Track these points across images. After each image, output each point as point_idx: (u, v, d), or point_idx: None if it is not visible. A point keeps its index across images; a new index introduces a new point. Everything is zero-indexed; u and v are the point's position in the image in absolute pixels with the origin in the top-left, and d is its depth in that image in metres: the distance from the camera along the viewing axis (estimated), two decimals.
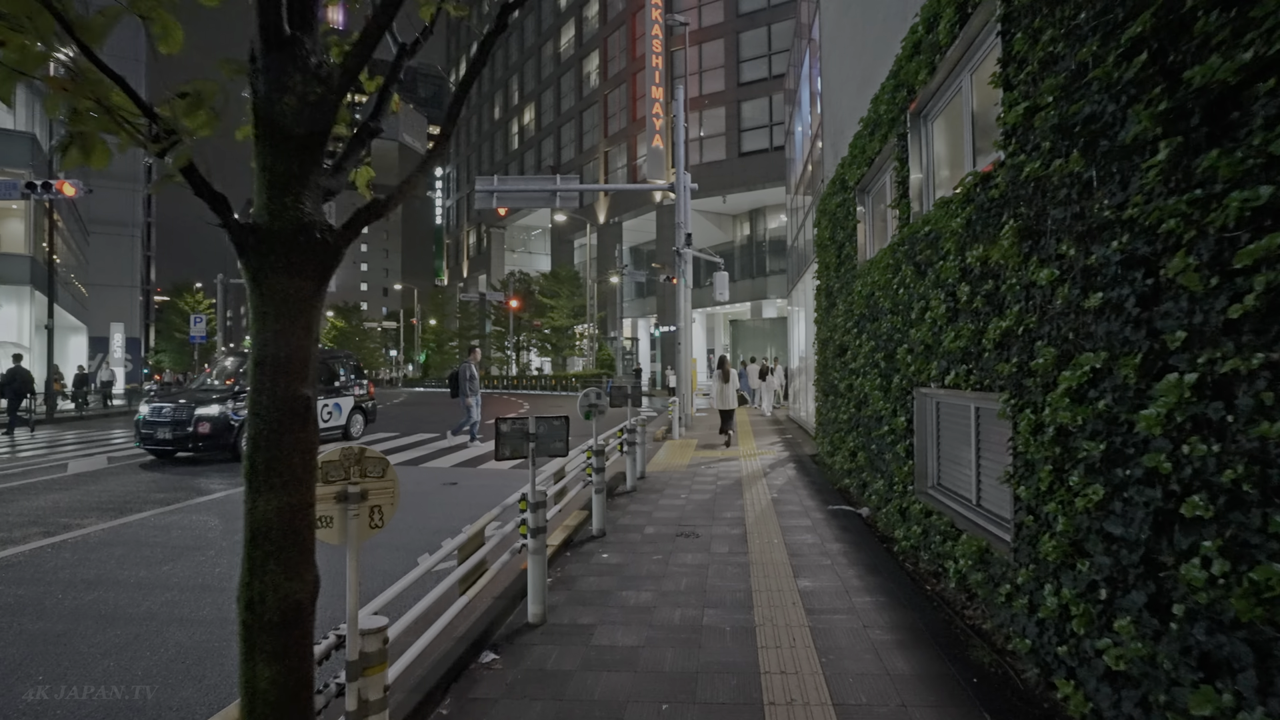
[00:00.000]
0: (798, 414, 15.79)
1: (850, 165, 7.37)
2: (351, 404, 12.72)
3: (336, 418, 12.21)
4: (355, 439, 12.10)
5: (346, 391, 12.71)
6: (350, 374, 13.06)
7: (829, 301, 8.60)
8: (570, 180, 15.53)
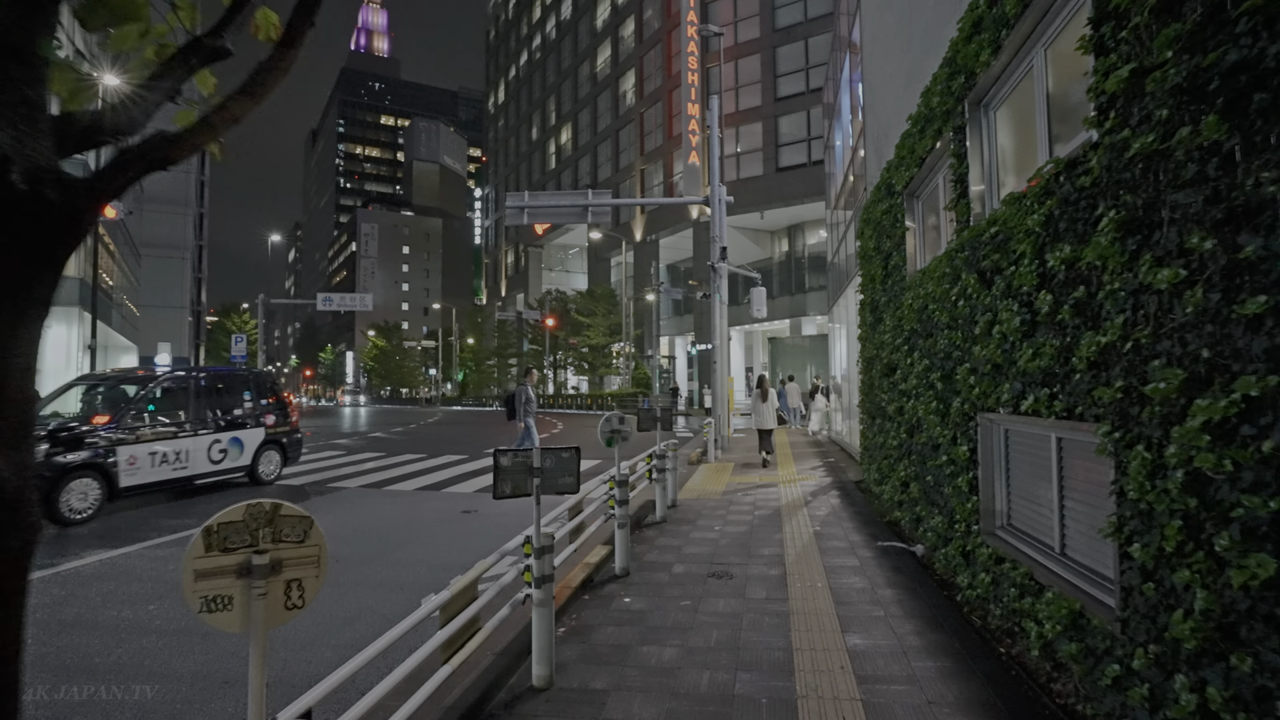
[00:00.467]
0: (840, 436, 15.04)
1: (897, 168, 6.78)
2: (260, 438, 10.06)
3: (235, 456, 9.63)
4: (268, 482, 10.08)
5: (251, 421, 10.01)
6: (258, 398, 10.34)
7: (875, 316, 7.98)
8: (602, 195, 15.15)
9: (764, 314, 14.56)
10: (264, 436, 10.12)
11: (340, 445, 16.55)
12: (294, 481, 10.26)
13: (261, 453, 10.08)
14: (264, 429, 10.16)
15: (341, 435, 20.68)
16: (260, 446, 10.05)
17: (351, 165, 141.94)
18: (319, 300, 32.12)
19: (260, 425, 10.12)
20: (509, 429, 22.69)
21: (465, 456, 13.52)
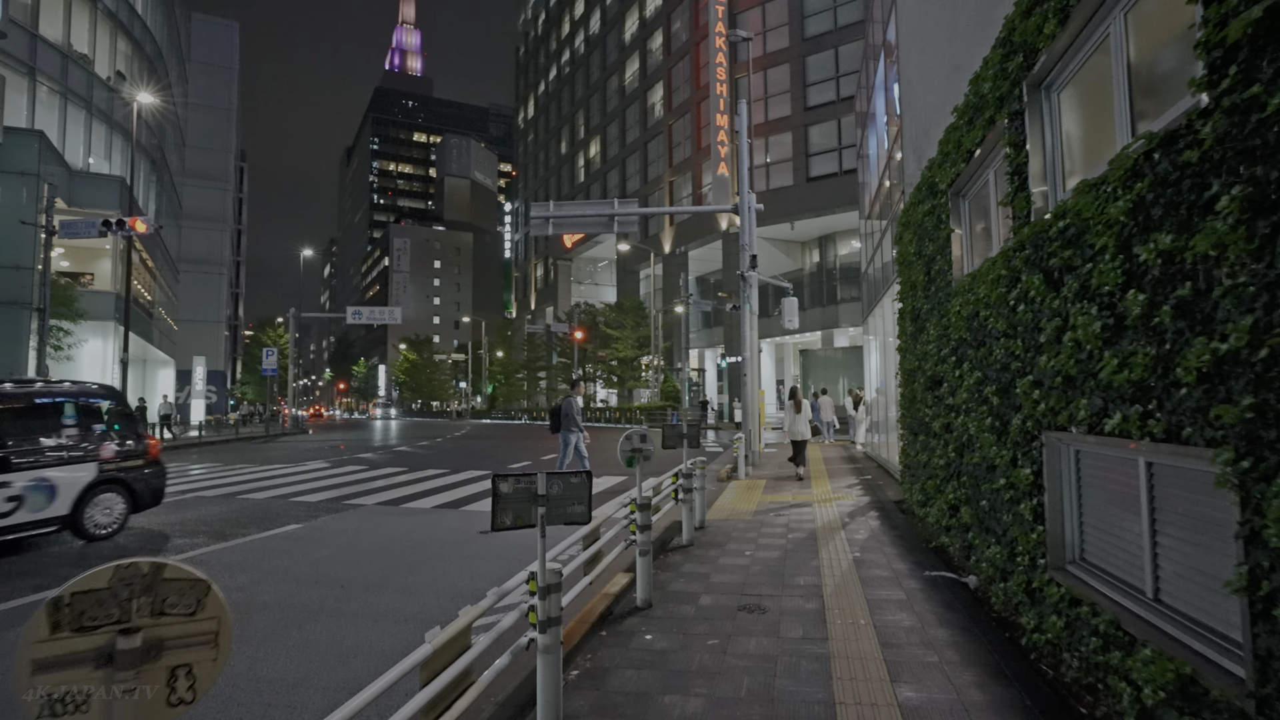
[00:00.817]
0: (876, 451, 14.41)
1: (940, 166, 6.30)
2: (88, 478, 7.32)
3: (40, 504, 6.86)
4: (103, 536, 7.44)
5: (76, 455, 7.29)
6: (87, 423, 7.57)
7: (916, 326, 7.46)
8: (629, 204, 14.82)
9: (795, 325, 14.05)
10: (95, 475, 7.39)
11: (364, 460, 16.37)
12: (311, 499, 10.00)
13: (91, 497, 7.35)
14: (96, 464, 7.43)
15: (367, 449, 20.56)
16: (88, 489, 7.32)
17: (385, 182, 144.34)
18: (349, 314, 32.31)
19: (90, 459, 7.40)
20: (535, 443, 22.38)
21: (488, 472, 13.18)
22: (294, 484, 11.61)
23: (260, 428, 33.94)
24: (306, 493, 10.53)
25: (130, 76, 28.96)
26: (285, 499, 9.87)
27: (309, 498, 10.02)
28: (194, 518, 8.39)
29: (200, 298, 51.24)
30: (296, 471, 13.57)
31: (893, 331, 12.01)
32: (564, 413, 10.87)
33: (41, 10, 23.47)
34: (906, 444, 8.38)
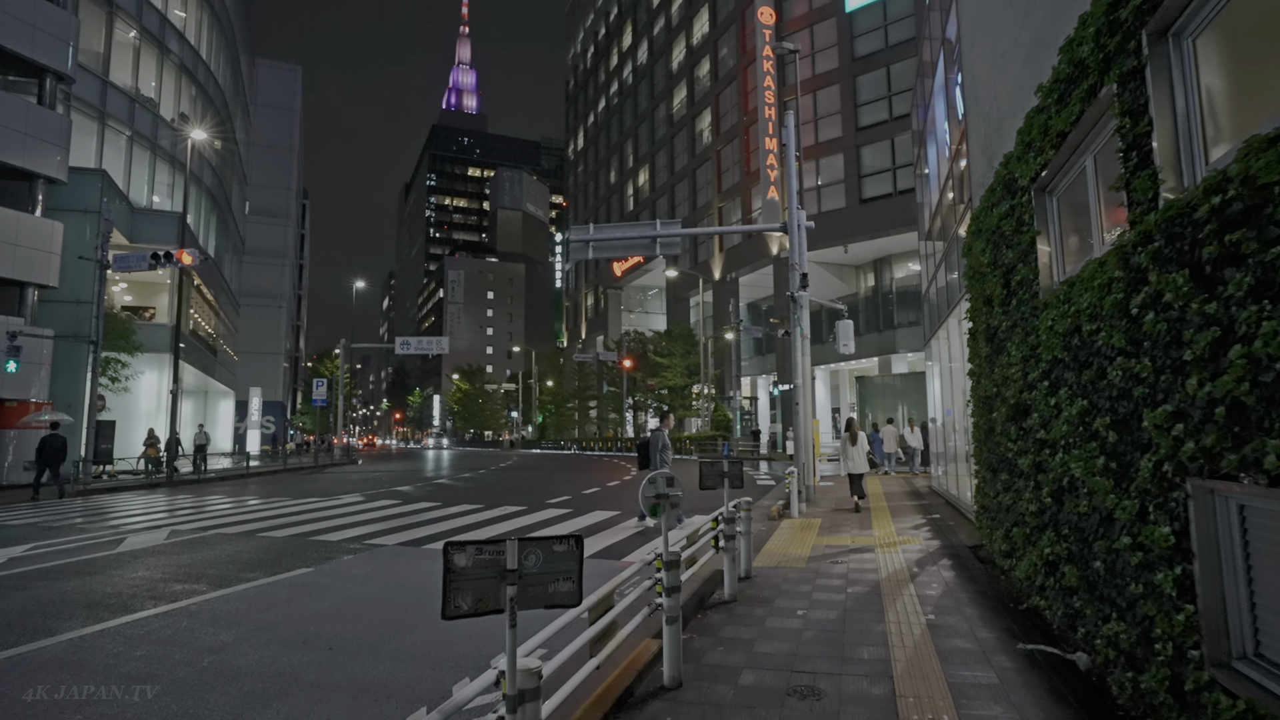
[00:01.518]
0: (943, 486, 13.20)
1: (1021, 159, 5.40)
2: None
3: None
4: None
5: None
6: None
7: (993, 347, 6.50)
8: (672, 225, 14.16)
9: (851, 349, 13.06)
10: None
11: (400, 493, 15.92)
12: (333, 538, 9.46)
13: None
14: None
15: (407, 481, 20.18)
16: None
17: (440, 216, 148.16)
18: (398, 344, 32.48)
19: None
20: (581, 474, 21.67)
21: (524, 508, 12.50)
22: (322, 520, 11.14)
23: (311, 458, 34.15)
24: (330, 530, 10.01)
25: (194, 118, 30.01)
26: (306, 537, 9.35)
27: (331, 536, 9.48)
28: (204, 559, 7.90)
29: (260, 330, 52.72)
30: (328, 506, 13.15)
31: (960, 355, 10.95)
32: (653, 447, 9.91)
33: (113, 58, 24.47)
34: (983, 482, 7.33)
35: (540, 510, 12.16)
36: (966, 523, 9.66)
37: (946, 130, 11.21)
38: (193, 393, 40.75)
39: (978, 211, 7.20)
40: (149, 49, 26.40)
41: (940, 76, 11.36)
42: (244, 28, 41.50)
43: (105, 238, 17.59)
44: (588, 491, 15.75)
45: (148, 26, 26.03)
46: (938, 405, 14.36)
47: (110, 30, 24.20)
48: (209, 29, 31.61)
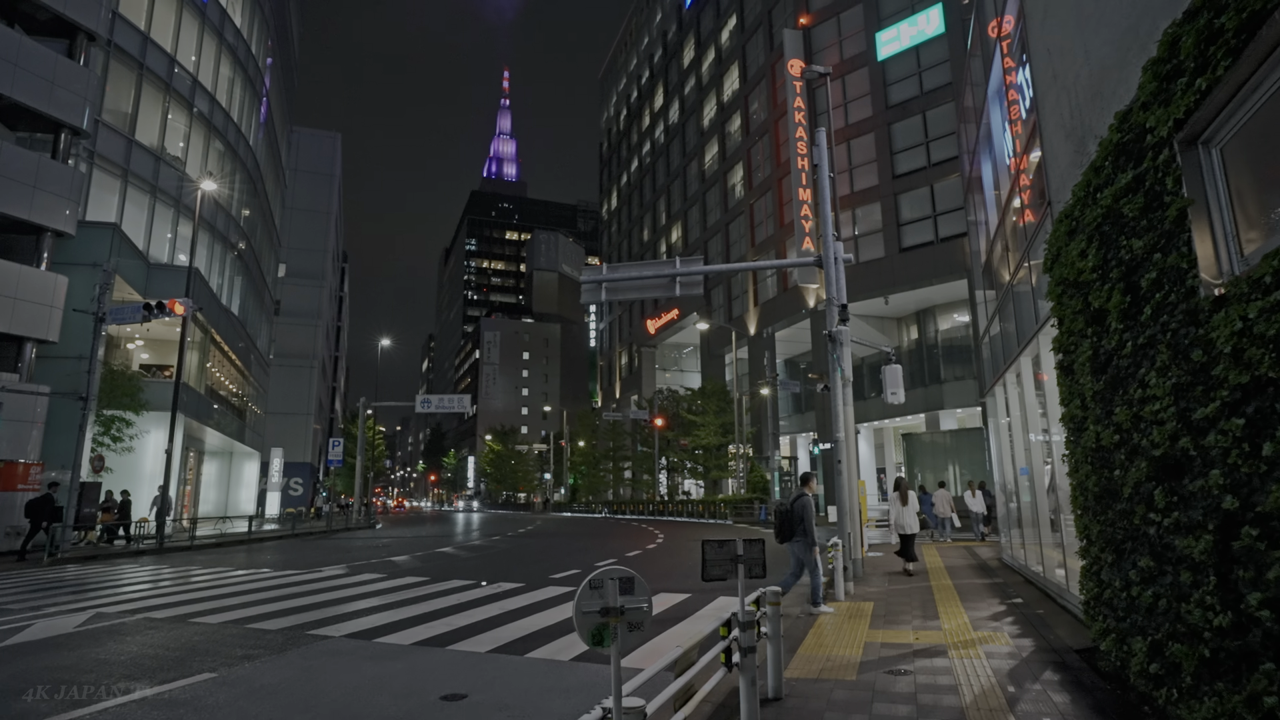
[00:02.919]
0: (1018, 559, 11.08)
1: (1155, 103, 3.79)
2: None
3: None
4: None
5: None
6: None
7: (1107, 378, 4.76)
8: (692, 262, 12.72)
9: (901, 398, 11.27)
10: None
11: (391, 565, 14.29)
12: (275, 624, 7.86)
13: None
14: None
15: (410, 549, 18.54)
16: None
17: (479, 278, 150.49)
18: (418, 402, 31.43)
19: None
20: (605, 542, 19.81)
21: (522, 585, 10.75)
22: (280, 600, 9.56)
23: (330, 521, 32.79)
24: (280, 614, 8.40)
25: (221, 178, 30.08)
26: (243, 625, 7.76)
27: (275, 622, 7.88)
28: (96, 657, 6.35)
29: (292, 391, 52.52)
30: (301, 581, 11.57)
31: (1030, 403, 9.09)
32: (797, 515, 8.21)
33: (140, 116, 24.55)
34: (1096, 563, 5.43)
35: (539, 589, 10.41)
36: (1062, 613, 7.63)
37: (1005, 133, 9.64)
38: (218, 454, 40.15)
39: (1068, 208, 5.56)
40: (178, 109, 26.56)
41: (996, 78, 9.86)
42: (281, 94, 42.47)
43: (103, 290, 16.87)
44: (602, 564, 13.91)
45: (177, 88, 26.24)
46: (1003, 462, 12.35)
47: (139, 89, 24.34)
48: (241, 91, 32.05)
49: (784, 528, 8.27)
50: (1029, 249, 8.12)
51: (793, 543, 8.24)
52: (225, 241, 30.56)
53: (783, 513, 8.30)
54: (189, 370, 26.95)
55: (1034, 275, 7.99)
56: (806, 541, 8.16)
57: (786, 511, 8.27)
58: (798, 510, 8.21)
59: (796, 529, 8.18)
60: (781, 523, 8.29)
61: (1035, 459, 9.11)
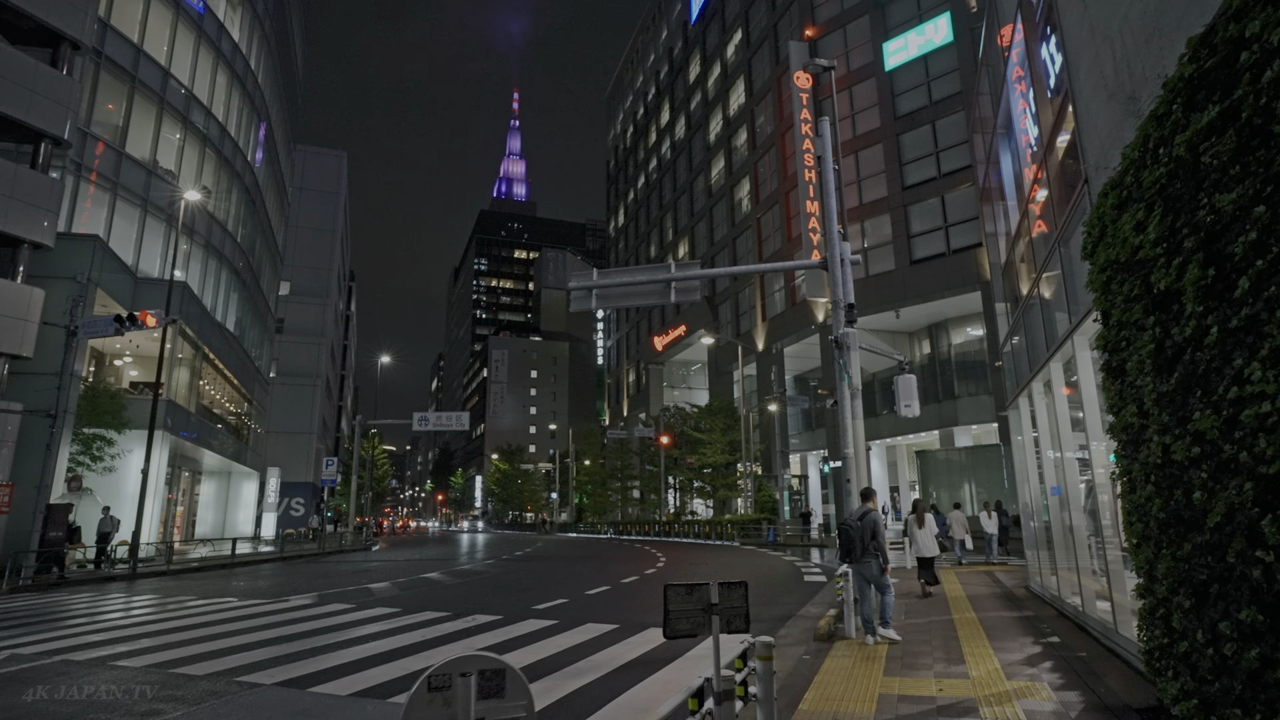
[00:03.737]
0: (1049, 589, 10.01)
1: (1248, 12, 2.89)
2: None
3: None
4: None
5: None
6: None
7: (1175, 381, 3.81)
8: (689, 266, 11.84)
9: (915, 411, 10.30)
10: None
11: (368, 593, 13.34)
12: (203, 669, 6.94)
13: None
14: None
15: (395, 574, 17.56)
16: None
17: (487, 297, 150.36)
18: (415, 420, 30.60)
19: None
20: (603, 566, 18.78)
21: (499, 618, 9.76)
22: (223, 635, 8.64)
23: (322, 543, 31.84)
24: (217, 654, 7.47)
25: (217, 193, 29.60)
26: (169, 668, 6.83)
27: (205, 666, 6.94)
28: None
29: (294, 409, 51.83)
30: (259, 612, 10.64)
31: (1061, 415, 8.11)
32: (867, 531, 7.64)
33: (131, 128, 24.08)
34: (1159, 605, 4.45)
35: (519, 622, 9.43)
36: (1109, 657, 6.59)
37: (1030, 129, 8.73)
38: (216, 474, 39.40)
39: (1116, 177, 4.64)
40: (171, 122, 26.12)
41: (1022, 51, 8.97)
42: (283, 111, 42.22)
43: (76, 303, 16.19)
44: (594, 592, 12.91)
45: (171, 100, 25.80)
46: (1028, 480, 11.32)
47: (130, 101, 23.89)
48: (239, 106, 31.67)
49: (851, 546, 7.67)
50: (1059, 238, 7.18)
51: (861, 563, 7.64)
52: (221, 257, 30.01)
53: (849, 530, 7.72)
54: (178, 388, 26.26)
55: (1065, 266, 7.05)
56: (880, 561, 7.61)
57: (854, 528, 7.68)
58: (868, 525, 7.64)
59: (868, 546, 7.60)
60: (848, 541, 7.70)
61: (1069, 477, 8.10)
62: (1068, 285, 7.02)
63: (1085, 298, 6.35)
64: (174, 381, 26.04)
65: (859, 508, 7.92)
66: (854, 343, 8.83)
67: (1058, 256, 7.18)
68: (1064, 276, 7.11)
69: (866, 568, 7.63)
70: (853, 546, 7.64)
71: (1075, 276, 6.73)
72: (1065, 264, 6.99)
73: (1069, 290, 6.95)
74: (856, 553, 7.62)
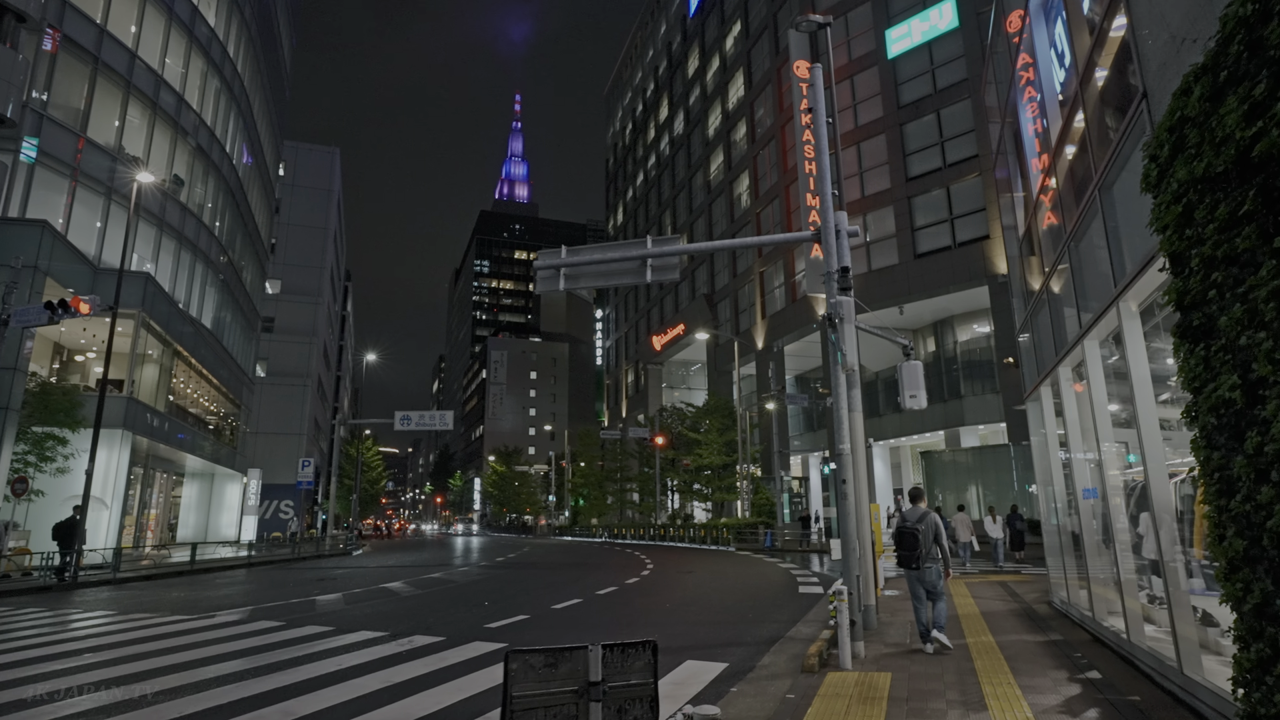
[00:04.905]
0: (1079, 607, 8.67)
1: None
2: None
3: None
4: None
5: None
6: None
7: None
8: (667, 241, 10.56)
9: (922, 402, 9.01)
10: None
11: (310, 607, 12.04)
12: (59, 713, 5.65)
13: None
14: None
15: (351, 585, 16.20)
16: None
17: (488, 298, 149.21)
18: (397, 419, 29.35)
19: None
20: (587, 575, 17.44)
21: (441, 639, 8.44)
22: (111, 666, 7.35)
23: (297, 548, 30.55)
24: (87, 688, 6.19)
25: (192, 183, 28.40)
26: (8, 715, 5.55)
27: (59, 709, 5.65)
28: None
29: (284, 410, 50.61)
30: (168, 633, 9.31)
31: (1087, 409, 6.80)
32: (929, 534, 7.23)
33: (94, 112, 22.89)
34: (1269, 658, 3.16)
35: (462, 645, 8.12)
36: (1171, 704, 5.24)
37: (1059, 77, 7.42)
38: (199, 476, 38.16)
39: (1211, 55, 3.33)
40: (140, 107, 24.91)
41: None
42: (268, 104, 41.04)
43: (9, 290, 14.95)
44: (561, 606, 11.58)
45: (139, 85, 24.60)
46: (1052, 480, 9.99)
47: (92, 83, 22.68)
48: (215, 94, 30.47)
49: (914, 551, 7.17)
50: (1099, 183, 5.85)
51: (924, 569, 7.20)
52: (195, 249, 28.78)
53: (913, 533, 7.21)
54: (143, 384, 25.04)
55: (1106, 219, 5.73)
56: (942, 566, 7.26)
57: (919, 532, 7.19)
58: (930, 528, 7.20)
59: (930, 550, 7.21)
60: (911, 545, 7.19)
61: (1108, 476, 6.77)
62: (1111, 242, 5.71)
63: (1138, 248, 5.04)
64: (140, 378, 24.82)
65: (913, 509, 7.45)
66: (849, 313, 7.53)
67: (1096, 204, 5.86)
68: (1106, 231, 5.79)
69: (928, 574, 7.18)
70: (916, 552, 7.14)
71: (1125, 227, 5.41)
72: (1107, 212, 5.68)
73: (1113, 246, 5.63)
74: (922, 557, 7.14)
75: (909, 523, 7.30)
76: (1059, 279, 7.87)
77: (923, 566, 7.19)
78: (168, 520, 33.77)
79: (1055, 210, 7.98)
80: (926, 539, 7.17)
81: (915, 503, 7.60)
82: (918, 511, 7.38)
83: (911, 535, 7.19)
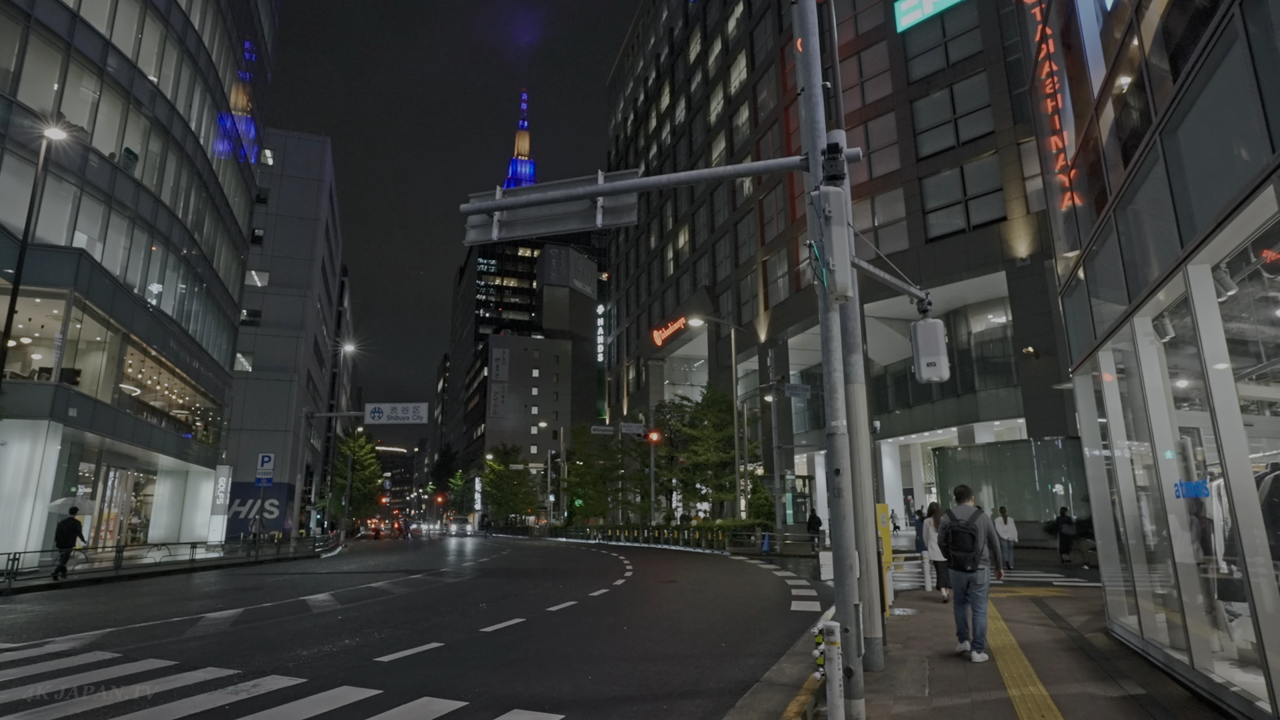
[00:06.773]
0: (1157, 642, 6.48)
1: None
2: None
3: None
4: None
5: None
6: None
7: None
8: (624, 176, 8.45)
9: (944, 372, 6.89)
10: None
11: (187, 626, 9.97)
12: None
13: None
14: None
15: (270, 597, 14.16)
16: None
17: (491, 296, 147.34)
18: (368, 411, 27.37)
19: None
20: (569, 583, 15.30)
21: (301, 681, 6.33)
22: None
23: (254, 551, 28.52)
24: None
25: (148, 157, 26.46)
26: None
27: None
28: None
29: (269, 405, 48.72)
30: None
31: (1220, 356, 4.64)
32: (980, 536, 6.88)
33: (24, 75, 20.97)
34: None
35: (327, 690, 6.00)
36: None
37: None
38: (171, 474, 36.29)
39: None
40: (83, 72, 22.98)
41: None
42: (245, 86, 39.11)
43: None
44: (495, 628, 9.42)
45: (82, 48, 22.66)
46: (1105, 476, 7.81)
47: (24, 42, 20.75)
48: (177, 67, 28.53)
49: (969, 552, 6.84)
50: (1205, 52, 3.66)
51: (979, 570, 6.88)
52: (153, 230, 26.84)
53: (968, 534, 6.87)
54: (88, 374, 23.12)
55: (1209, 111, 3.59)
56: (989, 570, 7.00)
57: (974, 532, 6.84)
58: (981, 529, 6.87)
59: (982, 552, 6.89)
60: (964, 547, 6.87)
61: (1231, 467, 4.57)
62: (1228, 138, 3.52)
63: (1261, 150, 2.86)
64: (83, 366, 22.89)
65: (963, 508, 7.13)
66: (840, 210, 5.22)
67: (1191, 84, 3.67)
68: (1213, 120, 3.60)
69: (979, 576, 6.90)
70: (972, 552, 6.86)
71: (1246, 113, 3.23)
72: (1210, 103, 3.49)
73: (1228, 141, 3.45)
74: (974, 560, 6.87)
75: (961, 521, 6.97)
76: (1128, 202, 5.66)
77: (977, 568, 6.90)
78: (129, 520, 31.85)
79: (1119, 103, 5.78)
80: (980, 539, 6.88)
81: (962, 501, 7.29)
82: (969, 510, 7.08)
83: (969, 535, 6.86)
